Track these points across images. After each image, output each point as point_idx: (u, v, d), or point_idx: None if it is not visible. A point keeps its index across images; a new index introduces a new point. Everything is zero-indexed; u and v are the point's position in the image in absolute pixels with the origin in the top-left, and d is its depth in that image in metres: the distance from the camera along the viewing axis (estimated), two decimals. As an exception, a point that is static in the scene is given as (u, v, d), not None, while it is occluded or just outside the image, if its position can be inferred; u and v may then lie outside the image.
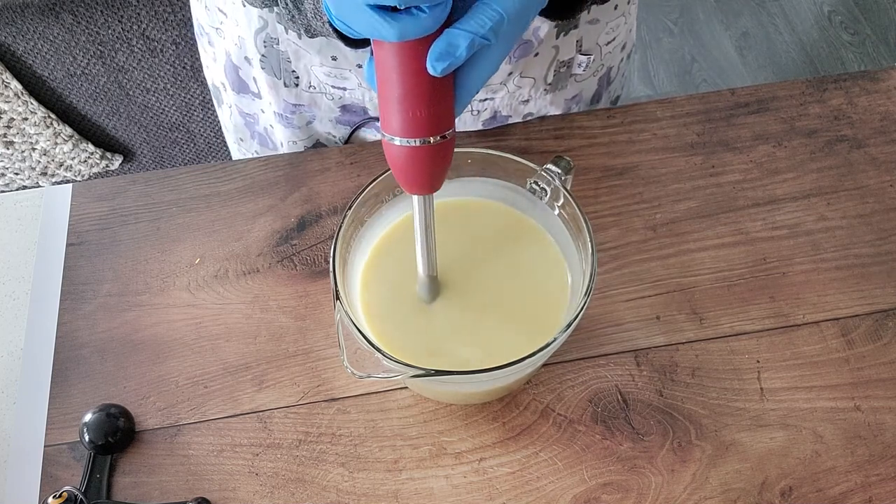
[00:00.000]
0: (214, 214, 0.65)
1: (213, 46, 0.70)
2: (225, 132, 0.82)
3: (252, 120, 0.75)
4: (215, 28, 0.67)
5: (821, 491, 0.52)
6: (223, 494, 0.53)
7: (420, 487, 0.53)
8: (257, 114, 0.73)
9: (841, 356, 0.57)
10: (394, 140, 0.41)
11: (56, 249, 0.64)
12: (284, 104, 0.68)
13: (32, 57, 1.14)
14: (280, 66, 0.64)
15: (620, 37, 0.70)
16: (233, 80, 0.70)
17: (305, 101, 0.68)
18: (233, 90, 0.72)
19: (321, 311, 0.60)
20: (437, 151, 0.41)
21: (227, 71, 0.70)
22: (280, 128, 0.72)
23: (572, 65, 0.67)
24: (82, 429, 0.54)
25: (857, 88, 0.70)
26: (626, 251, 0.62)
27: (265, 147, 0.77)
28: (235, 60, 0.67)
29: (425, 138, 0.41)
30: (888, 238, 0.62)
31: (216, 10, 0.65)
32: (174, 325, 0.60)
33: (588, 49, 0.66)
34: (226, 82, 0.72)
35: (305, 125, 0.71)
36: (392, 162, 0.43)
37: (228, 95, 0.74)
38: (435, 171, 0.43)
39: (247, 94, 0.71)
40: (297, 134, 0.72)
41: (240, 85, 0.70)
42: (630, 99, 1.83)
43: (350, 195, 0.64)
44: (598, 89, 0.73)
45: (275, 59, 0.63)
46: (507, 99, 0.67)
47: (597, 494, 0.52)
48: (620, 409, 0.55)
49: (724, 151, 0.66)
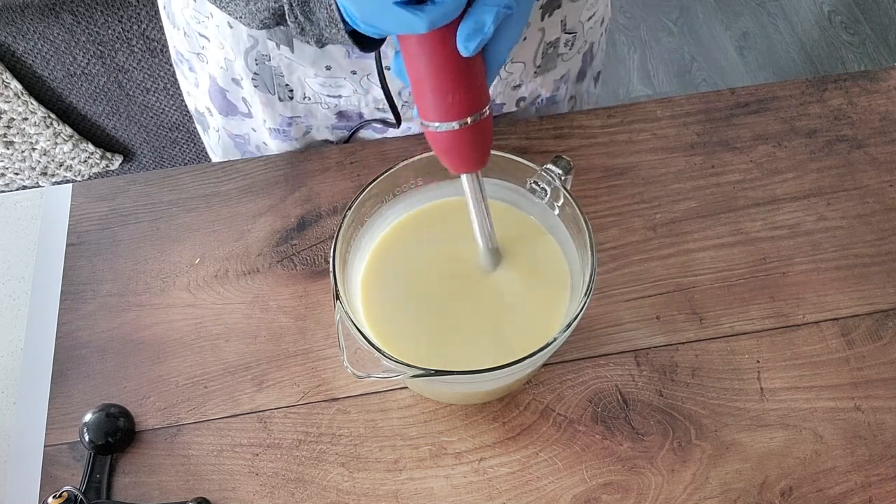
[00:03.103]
0: (214, 214, 0.65)
1: (194, 72, 0.70)
2: (211, 156, 0.82)
3: (242, 140, 0.75)
4: (196, 54, 0.67)
5: (821, 491, 0.52)
6: (223, 494, 0.53)
7: (420, 487, 0.53)
8: (248, 133, 0.73)
9: (841, 356, 0.57)
10: (435, 126, 0.42)
11: (56, 249, 0.64)
12: (280, 118, 0.68)
13: (32, 57, 1.14)
14: (273, 82, 0.64)
15: (600, 11, 0.71)
16: (219, 104, 0.71)
17: (301, 113, 0.68)
18: (220, 113, 0.72)
19: (321, 311, 0.60)
20: (479, 130, 0.43)
21: (213, 95, 0.70)
22: (275, 143, 0.72)
23: (558, 45, 0.68)
24: (82, 429, 0.54)
25: (857, 88, 0.70)
26: (626, 251, 0.62)
27: None
28: (222, 83, 0.68)
29: (463, 119, 0.42)
30: (888, 238, 0.62)
31: (196, 35, 0.65)
32: (174, 325, 0.60)
33: (572, 27, 0.67)
34: (211, 107, 0.72)
35: (302, 136, 0.71)
36: (436, 147, 0.44)
37: (215, 119, 0.74)
38: (479, 149, 0.44)
39: (235, 115, 0.71)
40: (293, 145, 0.72)
41: (227, 107, 0.70)
42: (630, 99, 1.83)
43: (350, 195, 0.64)
44: (582, 66, 0.74)
45: (267, 75, 0.64)
46: (499, 86, 0.68)
47: (597, 494, 0.52)
48: (620, 409, 0.55)
49: (724, 151, 0.66)
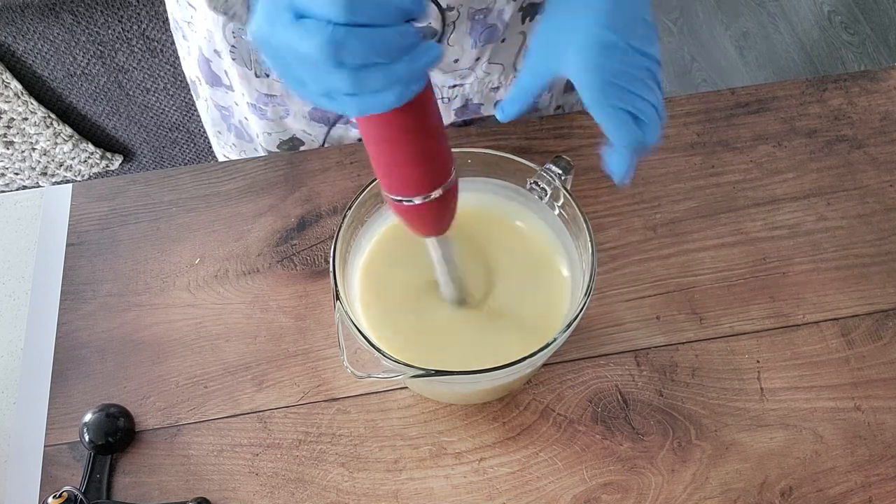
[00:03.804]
0: (214, 214, 0.65)
1: (186, 41, 0.70)
2: (205, 125, 0.83)
3: (227, 113, 0.75)
4: (187, 22, 0.67)
5: (821, 491, 0.52)
6: (223, 494, 0.53)
7: (420, 487, 0.53)
8: (231, 107, 0.73)
9: (841, 356, 0.57)
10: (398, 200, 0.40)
11: (56, 249, 0.64)
12: (257, 94, 0.68)
13: (32, 57, 1.14)
14: (250, 58, 0.64)
15: None
16: (206, 74, 0.71)
17: (278, 92, 0.68)
18: (207, 84, 0.72)
19: (321, 311, 0.60)
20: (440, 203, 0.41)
21: (200, 64, 0.70)
22: (255, 119, 0.72)
23: None
24: (82, 429, 0.54)
25: (857, 88, 0.70)
26: (626, 251, 0.62)
27: (241, 139, 0.78)
28: (206, 54, 0.68)
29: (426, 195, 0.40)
30: (888, 238, 0.62)
31: (186, 4, 0.65)
32: (174, 325, 0.60)
33: None
34: (200, 76, 0.72)
35: (279, 119, 0.71)
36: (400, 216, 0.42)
37: (204, 89, 0.74)
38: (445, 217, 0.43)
39: (220, 87, 0.71)
40: (271, 126, 0.72)
41: (212, 78, 0.71)
42: (630, 99, 1.82)
43: (350, 195, 0.64)
44: None
45: (244, 49, 0.64)
46: (476, 86, 0.68)
47: (597, 494, 0.52)
48: (620, 409, 0.55)
49: (724, 151, 0.66)
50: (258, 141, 0.75)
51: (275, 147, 0.74)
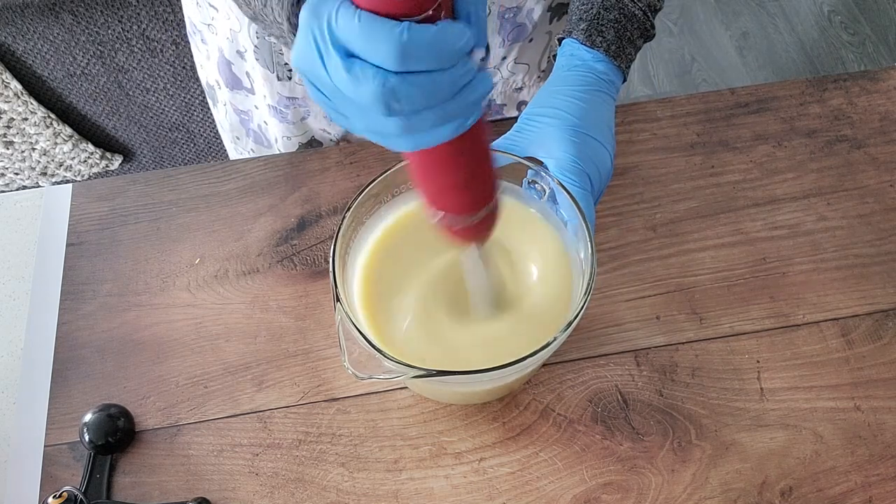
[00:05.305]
0: (214, 214, 0.65)
1: (206, 44, 0.70)
2: (221, 131, 0.83)
3: (247, 117, 0.75)
4: (207, 24, 0.67)
5: (821, 491, 0.52)
6: (223, 494, 0.53)
7: (420, 487, 0.53)
8: (251, 110, 0.73)
9: (841, 356, 0.57)
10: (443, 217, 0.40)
11: (56, 249, 0.64)
12: (279, 97, 0.68)
13: (32, 57, 1.14)
14: (273, 60, 0.64)
15: None
16: (226, 77, 0.71)
17: (299, 95, 0.68)
18: (227, 87, 0.72)
19: (321, 311, 0.60)
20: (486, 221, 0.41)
21: (221, 67, 0.70)
22: (274, 122, 0.71)
23: None
24: (82, 429, 0.54)
25: (857, 88, 0.70)
26: (626, 251, 0.62)
27: (260, 145, 0.77)
28: (228, 55, 0.68)
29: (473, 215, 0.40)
30: (888, 238, 0.62)
31: (207, 5, 0.65)
32: (174, 325, 0.60)
33: None
34: (220, 80, 0.72)
35: (300, 120, 0.71)
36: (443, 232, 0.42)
37: (223, 93, 0.74)
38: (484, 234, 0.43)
39: (240, 90, 0.71)
40: (291, 129, 0.72)
41: (233, 81, 0.70)
42: (630, 99, 1.83)
43: (350, 195, 0.64)
44: None
45: (267, 51, 0.63)
46: (500, 86, 0.68)
47: (597, 494, 0.52)
48: (620, 409, 0.55)
49: (724, 151, 0.66)
50: (277, 146, 0.75)
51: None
